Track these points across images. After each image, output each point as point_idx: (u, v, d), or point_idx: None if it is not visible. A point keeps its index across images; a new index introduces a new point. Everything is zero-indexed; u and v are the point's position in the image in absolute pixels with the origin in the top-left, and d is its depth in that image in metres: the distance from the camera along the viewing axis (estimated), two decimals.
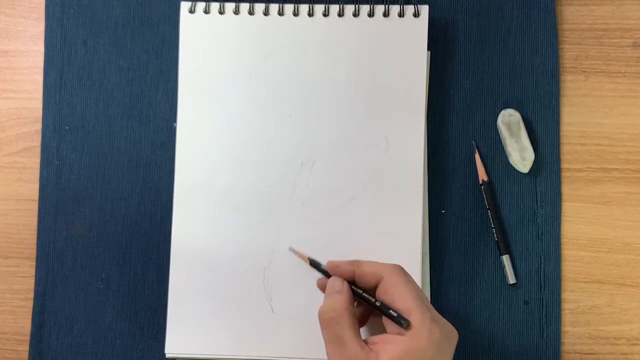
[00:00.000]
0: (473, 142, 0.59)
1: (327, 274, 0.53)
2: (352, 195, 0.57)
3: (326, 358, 0.48)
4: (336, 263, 0.52)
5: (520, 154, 0.58)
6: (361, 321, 0.52)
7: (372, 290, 0.50)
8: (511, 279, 0.58)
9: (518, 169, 0.58)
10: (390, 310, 0.47)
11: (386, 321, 0.48)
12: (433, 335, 0.45)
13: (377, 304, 0.49)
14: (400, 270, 0.50)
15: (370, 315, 0.53)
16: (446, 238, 0.59)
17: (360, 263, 0.51)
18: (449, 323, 0.48)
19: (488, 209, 0.58)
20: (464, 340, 0.58)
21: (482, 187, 0.59)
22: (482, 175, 0.59)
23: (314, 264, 0.54)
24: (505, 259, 0.58)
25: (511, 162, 0.58)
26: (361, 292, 0.50)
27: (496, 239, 0.58)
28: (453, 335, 0.48)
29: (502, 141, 0.59)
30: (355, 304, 0.51)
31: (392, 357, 0.45)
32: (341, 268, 0.51)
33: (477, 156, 0.59)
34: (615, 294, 0.58)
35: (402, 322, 0.46)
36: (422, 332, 0.45)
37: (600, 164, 0.59)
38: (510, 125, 0.58)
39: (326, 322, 0.48)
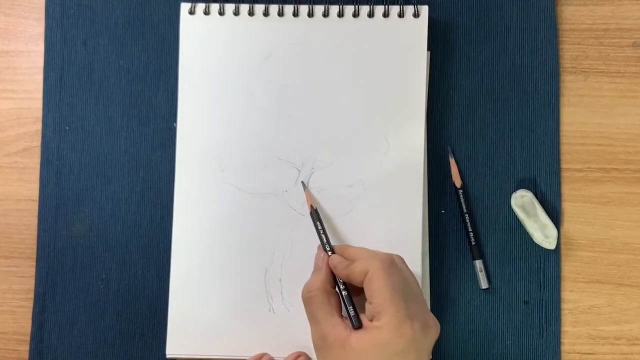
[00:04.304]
0: (448, 147, 0.59)
1: (323, 247, 0.54)
2: (352, 196, 0.57)
3: None
4: (335, 263, 0.53)
5: (542, 232, 0.56)
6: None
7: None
8: (484, 284, 0.58)
9: (544, 247, 0.57)
10: (350, 307, 0.50)
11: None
12: (403, 332, 0.47)
13: (344, 293, 0.51)
14: (384, 264, 0.50)
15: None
16: (446, 238, 0.59)
17: (351, 265, 0.51)
18: (430, 316, 0.49)
19: (466, 213, 0.58)
20: (464, 340, 0.58)
21: (461, 191, 0.58)
22: (457, 181, 0.58)
23: (313, 216, 0.56)
24: (479, 263, 0.58)
25: (535, 241, 0.57)
26: (338, 281, 0.53)
27: (473, 242, 0.58)
28: (431, 328, 0.49)
29: (521, 222, 0.58)
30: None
31: (360, 343, 0.48)
32: (338, 269, 0.52)
33: (452, 161, 0.58)
34: (615, 294, 0.58)
35: (352, 322, 0.49)
36: (389, 328, 0.47)
37: (600, 164, 0.59)
38: (525, 206, 0.57)
39: (304, 302, 0.52)
